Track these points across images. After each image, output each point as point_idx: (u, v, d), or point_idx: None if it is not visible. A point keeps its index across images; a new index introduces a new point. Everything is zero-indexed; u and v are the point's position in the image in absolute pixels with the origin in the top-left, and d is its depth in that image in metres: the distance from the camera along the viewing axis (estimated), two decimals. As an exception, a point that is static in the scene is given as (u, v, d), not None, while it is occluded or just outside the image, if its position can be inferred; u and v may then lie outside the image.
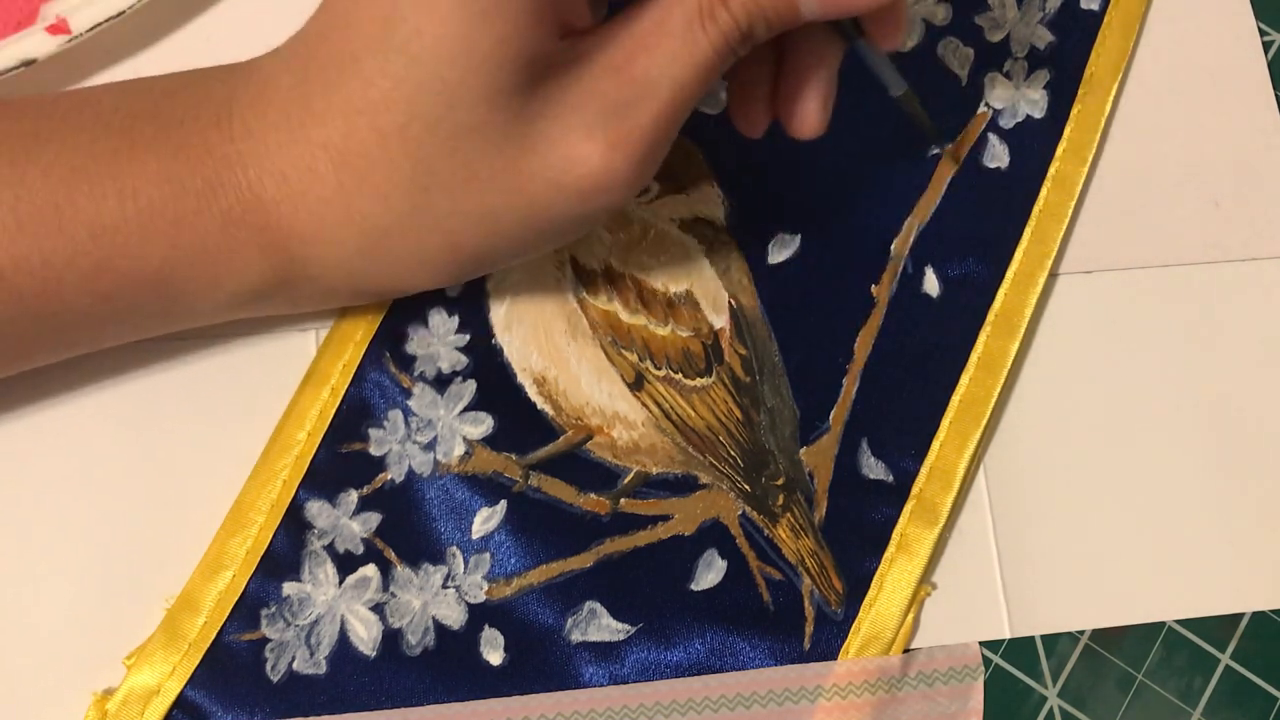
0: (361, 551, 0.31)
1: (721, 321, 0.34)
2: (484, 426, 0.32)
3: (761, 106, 0.30)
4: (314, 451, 0.32)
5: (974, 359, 0.34)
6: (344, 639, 0.31)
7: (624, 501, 0.32)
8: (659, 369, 0.33)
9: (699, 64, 0.25)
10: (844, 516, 0.32)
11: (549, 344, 0.33)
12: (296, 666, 0.30)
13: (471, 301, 0.33)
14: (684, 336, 0.33)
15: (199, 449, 0.32)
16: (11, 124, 0.27)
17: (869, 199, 0.35)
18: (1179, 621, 0.33)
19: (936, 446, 0.33)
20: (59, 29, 0.32)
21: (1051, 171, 0.36)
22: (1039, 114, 0.36)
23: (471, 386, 0.33)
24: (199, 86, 0.28)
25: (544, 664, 0.31)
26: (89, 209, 0.26)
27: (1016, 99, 0.36)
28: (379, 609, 0.31)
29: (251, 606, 0.31)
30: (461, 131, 0.25)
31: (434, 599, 0.31)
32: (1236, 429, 0.34)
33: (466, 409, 0.33)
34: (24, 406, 0.32)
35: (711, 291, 0.34)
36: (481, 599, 0.31)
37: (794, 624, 0.32)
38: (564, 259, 0.33)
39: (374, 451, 0.32)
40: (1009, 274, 0.35)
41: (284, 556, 0.31)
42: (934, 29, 0.37)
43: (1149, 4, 0.38)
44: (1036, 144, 0.36)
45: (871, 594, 0.32)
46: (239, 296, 0.28)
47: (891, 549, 0.32)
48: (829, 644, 0.31)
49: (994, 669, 0.32)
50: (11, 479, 0.31)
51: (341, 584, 0.31)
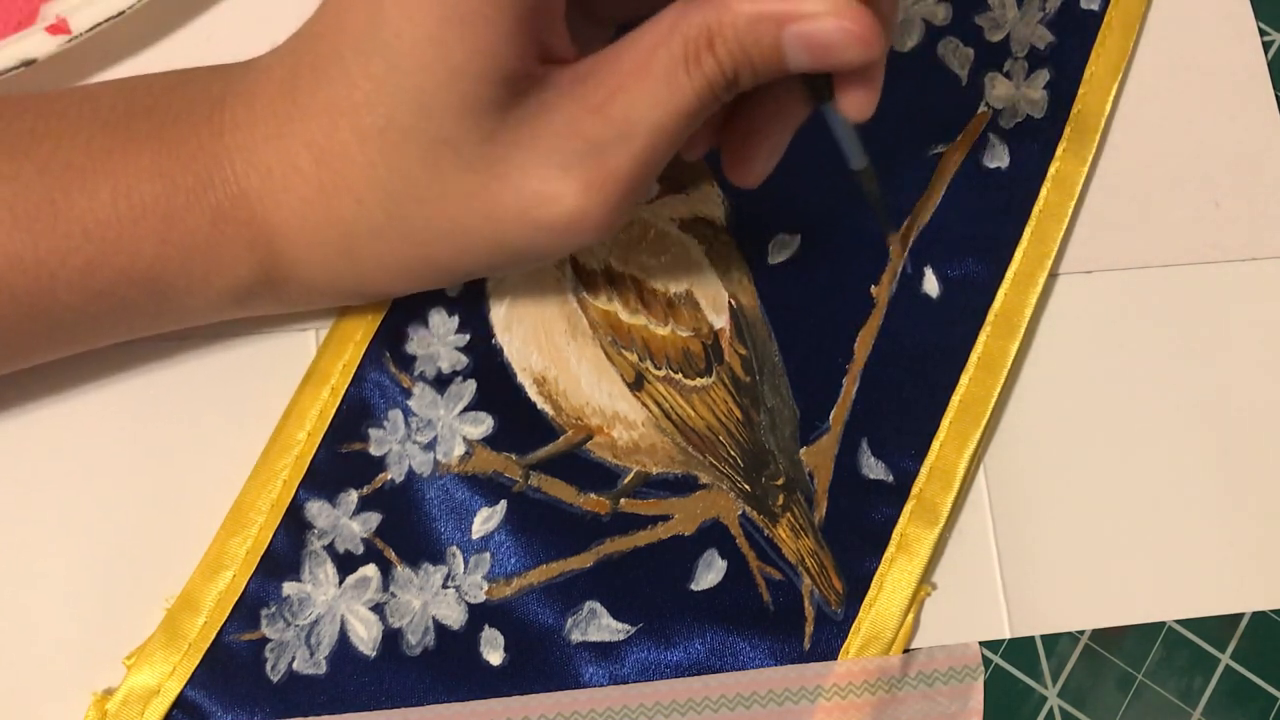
0: (361, 551, 0.31)
1: (721, 321, 0.34)
2: (484, 426, 0.32)
3: (705, 132, 0.29)
4: (314, 451, 0.32)
5: (974, 359, 0.34)
6: (344, 639, 0.31)
7: (624, 501, 0.32)
8: (659, 369, 0.33)
9: (681, 108, 0.25)
10: (844, 516, 0.32)
11: (549, 344, 0.33)
12: (296, 666, 0.30)
13: (471, 301, 0.33)
14: (684, 336, 0.33)
15: (199, 449, 0.32)
16: (10, 121, 0.27)
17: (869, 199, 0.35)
18: (1179, 621, 0.33)
19: (936, 446, 0.33)
20: (59, 29, 0.32)
21: (1051, 171, 0.36)
22: (1039, 114, 0.36)
23: (471, 386, 0.33)
24: (196, 83, 0.28)
25: (544, 664, 0.31)
26: (83, 205, 0.26)
27: (1016, 99, 0.36)
28: (379, 609, 0.31)
29: (251, 606, 0.31)
30: (435, 143, 0.25)
31: (434, 599, 0.31)
32: (1236, 429, 0.34)
33: (466, 409, 0.33)
34: (24, 405, 0.32)
35: (711, 291, 0.34)
36: (481, 599, 0.31)
37: (794, 624, 0.32)
38: (564, 259, 0.33)
39: (374, 451, 0.32)
40: (1009, 274, 0.35)
41: (284, 556, 0.31)
42: (934, 29, 0.37)
43: (1149, 4, 0.38)
44: (1036, 144, 0.36)
45: (871, 594, 0.32)
46: (229, 294, 0.28)
47: (891, 549, 0.32)
48: (829, 644, 0.31)
49: (994, 669, 0.32)
50: (12, 478, 0.31)
51: (341, 584, 0.31)
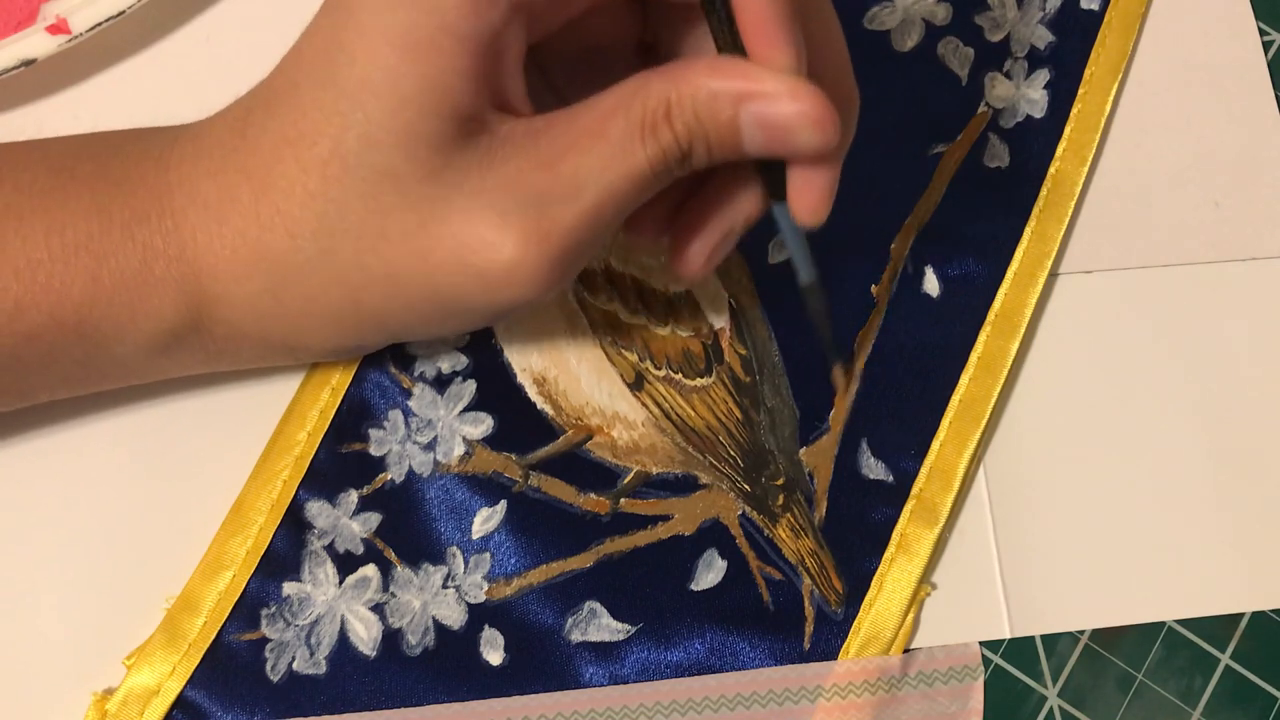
0: (361, 551, 0.31)
1: (721, 321, 0.34)
2: (484, 426, 0.32)
3: (657, 219, 0.28)
4: (314, 451, 0.32)
5: (974, 359, 0.34)
6: (344, 639, 0.31)
7: (624, 501, 0.32)
8: (659, 369, 0.33)
9: (632, 176, 0.24)
10: (844, 516, 0.32)
11: (549, 344, 0.33)
12: (296, 666, 0.30)
13: (471, 301, 0.33)
14: (684, 336, 0.33)
15: (199, 449, 0.32)
16: None
17: (869, 198, 0.35)
18: (1179, 621, 0.33)
19: (936, 446, 0.33)
20: (59, 29, 0.32)
21: (1052, 171, 0.36)
22: (1039, 114, 0.36)
23: (471, 386, 0.33)
24: (155, 132, 0.27)
25: (544, 664, 0.31)
26: (16, 245, 0.26)
27: (1017, 99, 0.36)
28: (379, 609, 0.31)
29: (251, 606, 0.31)
30: (376, 176, 0.24)
31: (434, 599, 0.31)
32: (1236, 429, 0.34)
33: (466, 409, 0.33)
34: (24, 405, 0.32)
35: (711, 291, 0.34)
36: (481, 599, 0.31)
37: (794, 624, 0.32)
38: None
39: (374, 451, 0.32)
40: (1009, 274, 0.35)
41: (284, 556, 0.31)
42: (934, 29, 0.37)
43: (1149, 4, 0.38)
44: (1037, 144, 0.36)
45: (871, 594, 0.32)
46: (156, 340, 0.27)
47: (891, 549, 0.32)
48: (829, 644, 0.31)
49: (994, 669, 0.32)
50: (12, 478, 0.31)
51: (341, 584, 0.31)
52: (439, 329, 0.28)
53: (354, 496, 0.32)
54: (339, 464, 0.32)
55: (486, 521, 0.32)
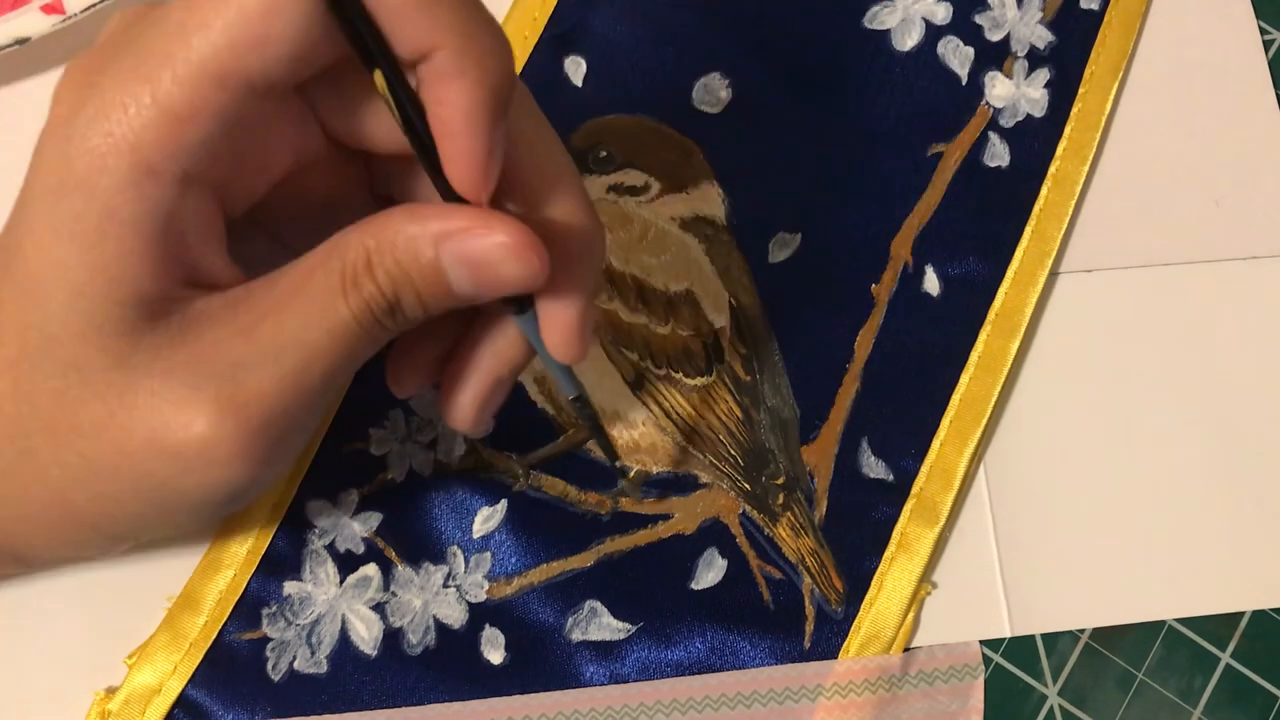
0: (362, 551, 0.31)
1: (722, 320, 0.34)
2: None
3: (423, 365, 0.27)
4: (315, 451, 0.32)
5: (974, 358, 0.34)
6: (345, 638, 0.31)
7: (624, 500, 0.32)
8: (659, 368, 0.33)
9: (337, 332, 0.22)
10: (844, 515, 0.32)
11: (549, 343, 0.33)
12: (297, 665, 0.30)
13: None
14: (684, 335, 0.33)
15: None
16: None
17: (869, 198, 0.35)
18: (1179, 620, 0.33)
19: (937, 445, 0.33)
20: (53, 9, 0.33)
21: (1052, 170, 0.36)
22: (1039, 113, 0.36)
23: (472, 386, 0.33)
24: None
25: (545, 663, 0.31)
26: None
27: (1017, 98, 0.36)
28: (380, 608, 0.31)
29: (252, 606, 0.31)
30: (62, 370, 0.22)
31: (435, 598, 0.31)
32: (1236, 428, 0.34)
33: (467, 408, 0.33)
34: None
35: (712, 291, 0.34)
36: (482, 598, 0.31)
37: (794, 623, 0.32)
38: None
39: (375, 451, 0.32)
40: (1009, 273, 0.35)
41: (285, 556, 0.31)
42: (934, 28, 0.37)
43: (1149, 3, 0.38)
44: (1037, 143, 0.36)
45: (872, 593, 0.32)
46: None
47: (892, 548, 0.32)
48: (829, 643, 0.31)
49: (994, 668, 0.32)
50: (13, 478, 0.31)
51: (342, 583, 0.31)
52: (160, 525, 0.26)
53: (355, 496, 0.32)
54: (340, 463, 0.32)
55: (487, 521, 0.32)
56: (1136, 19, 0.38)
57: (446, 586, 0.31)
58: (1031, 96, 0.36)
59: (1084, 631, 0.32)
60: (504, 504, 0.32)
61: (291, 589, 0.31)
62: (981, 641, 0.32)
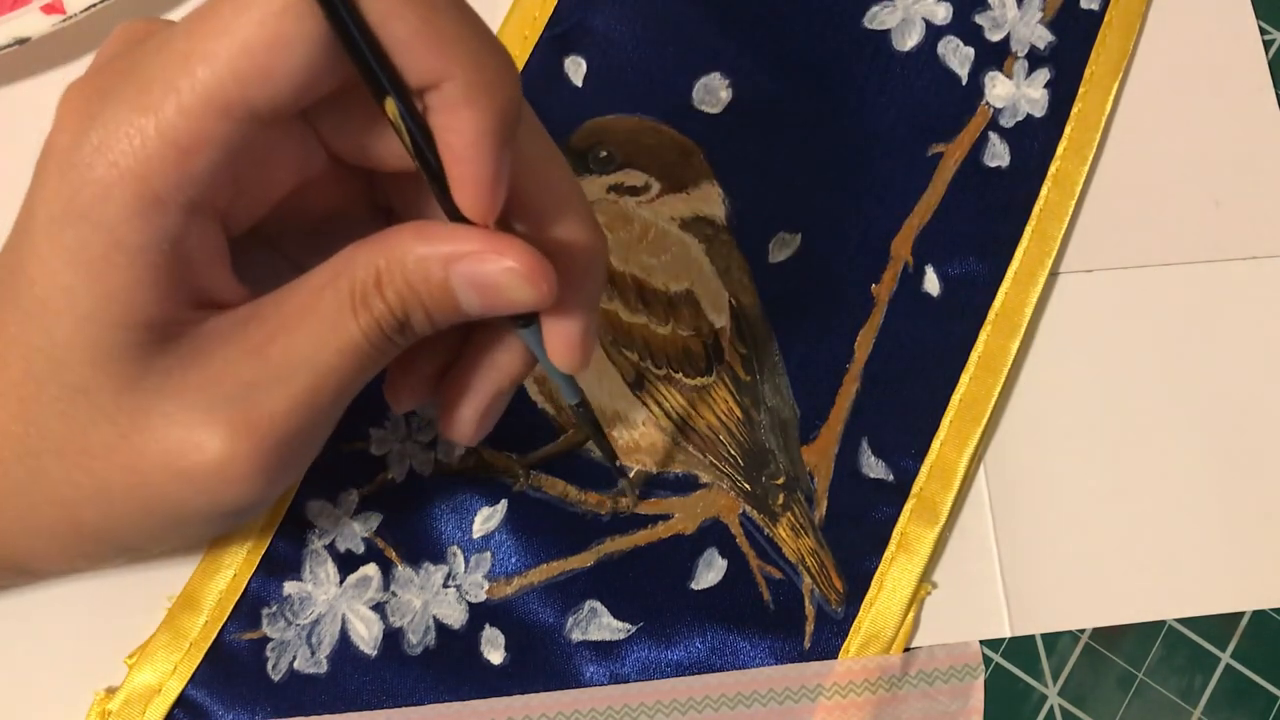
0: (362, 551, 0.31)
1: (722, 320, 0.34)
2: (485, 426, 0.32)
3: (421, 381, 0.27)
4: (315, 451, 0.32)
5: (974, 358, 0.34)
6: (345, 638, 0.31)
7: (624, 500, 0.32)
8: (659, 368, 0.33)
9: (347, 351, 0.23)
10: (844, 515, 0.32)
11: (549, 343, 0.33)
12: (297, 665, 0.30)
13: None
14: (684, 336, 0.33)
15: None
16: None
17: (869, 198, 0.35)
18: (1179, 620, 0.33)
19: (937, 445, 0.33)
20: (54, 8, 0.33)
21: (1052, 170, 0.36)
22: (1039, 113, 0.36)
23: (472, 386, 0.33)
24: None
25: (545, 663, 0.31)
26: None
27: (1017, 98, 0.36)
28: (380, 608, 0.31)
29: (252, 605, 0.31)
30: (70, 394, 0.23)
31: (435, 598, 0.31)
32: (1236, 429, 0.34)
33: (467, 408, 0.33)
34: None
35: (712, 291, 0.34)
36: (482, 598, 0.31)
37: (794, 623, 0.32)
38: None
39: (375, 451, 0.32)
40: (1009, 273, 0.35)
41: (285, 556, 0.31)
42: (934, 28, 0.37)
43: (1149, 3, 0.38)
44: (1037, 143, 0.36)
45: (872, 593, 0.32)
46: None
47: (892, 548, 0.32)
48: (829, 643, 0.31)
49: (994, 668, 0.32)
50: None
51: (342, 583, 0.31)
52: (171, 539, 0.26)
53: (355, 495, 0.32)
54: (340, 463, 0.32)
55: (487, 521, 0.32)
56: (1136, 19, 0.38)
57: (446, 586, 0.31)
58: (1031, 96, 0.36)
59: (1084, 631, 0.32)
60: (504, 504, 0.32)
61: (291, 589, 0.31)
62: (981, 641, 0.32)
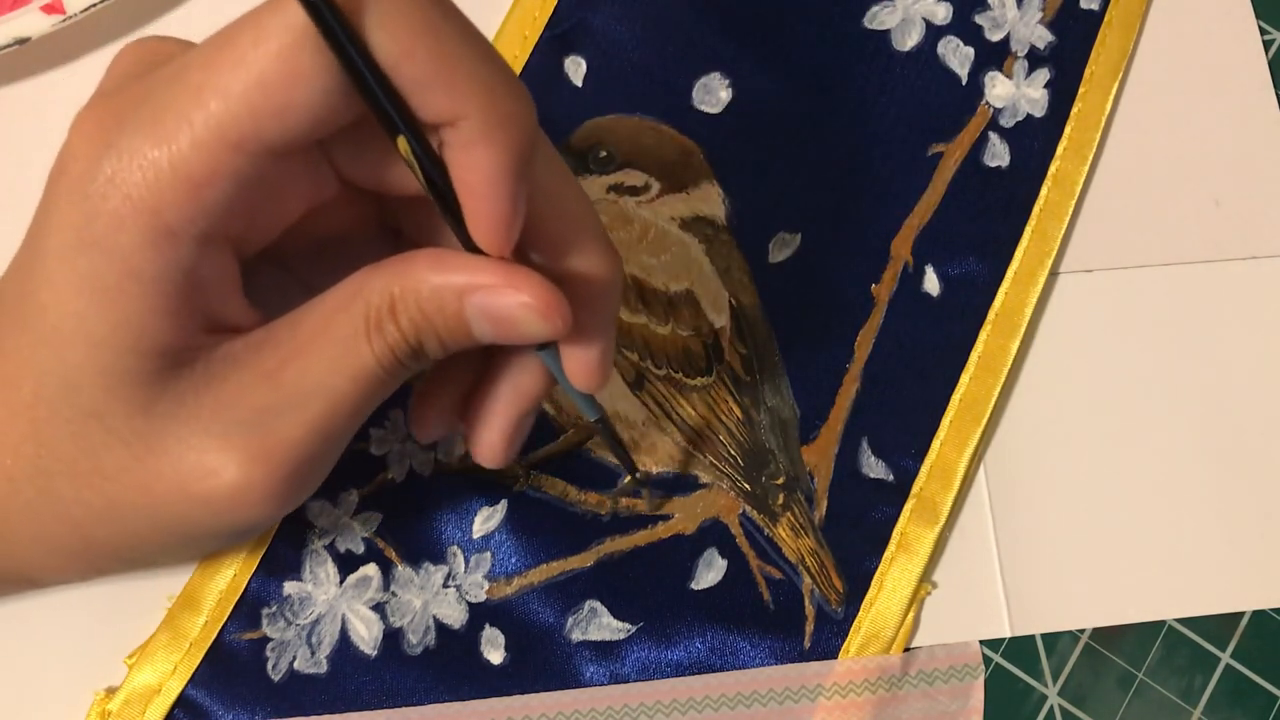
0: (362, 551, 0.31)
1: (722, 320, 0.34)
2: (485, 426, 0.32)
3: (445, 410, 0.27)
4: (315, 451, 0.32)
5: (974, 358, 0.34)
6: (345, 638, 0.31)
7: (624, 501, 0.32)
8: (659, 368, 0.33)
9: (361, 376, 0.23)
10: (844, 515, 0.32)
11: (549, 343, 0.33)
12: (297, 665, 0.30)
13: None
14: (684, 335, 0.33)
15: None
16: None
17: (869, 198, 0.35)
18: (1179, 620, 0.33)
19: (937, 445, 0.33)
20: (53, 8, 0.33)
21: (1052, 170, 0.36)
22: (1039, 113, 0.36)
23: (472, 386, 0.33)
24: None
25: (544, 663, 0.31)
26: None
27: (1017, 98, 0.36)
28: (380, 608, 0.31)
29: (252, 605, 0.31)
30: (83, 417, 0.23)
31: (435, 598, 0.31)
32: (1236, 429, 0.34)
33: (467, 408, 0.33)
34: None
35: (712, 290, 0.34)
36: (482, 598, 0.31)
37: (794, 623, 0.32)
38: None
39: (375, 451, 0.32)
40: (1009, 273, 0.35)
41: (285, 556, 0.31)
42: (934, 28, 0.37)
43: (1149, 3, 0.38)
44: (1037, 143, 0.36)
45: (872, 593, 0.32)
46: None
47: (892, 548, 0.32)
48: (829, 643, 0.31)
49: (994, 668, 0.32)
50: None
51: (342, 583, 0.31)
52: (179, 556, 0.27)
53: (355, 496, 0.32)
54: (340, 463, 0.32)
55: (487, 521, 0.32)
56: (1136, 19, 0.38)
57: (446, 586, 0.31)
58: (1031, 96, 0.36)
59: (1084, 631, 0.32)
60: (504, 504, 0.32)
61: (291, 589, 0.31)
62: (981, 641, 0.32)
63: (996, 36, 0.37)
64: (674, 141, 0.35)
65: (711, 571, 0.32)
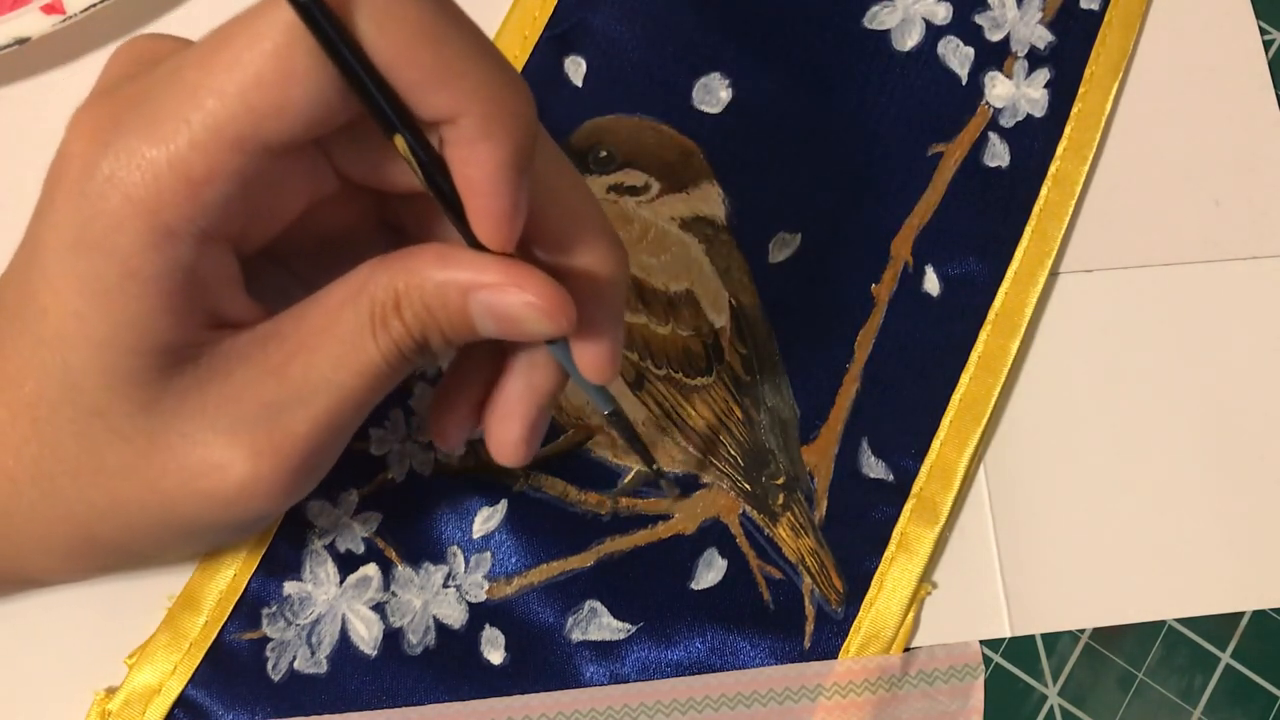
0: (362, 551, 0.31)
1: (722, 321, 0.34)
2: (485, 426, 0.32)
3: (464, 416, 0.27)
4: (315, 451, 0.32)
5: (974, 358, 0.34)
6: (345, 638, 0.31)
7: (624, 500, 0.32)
8: (659, 368, 0.33)
9: (366, 371, 0.23)
10: (844, 515, 0.32)
11: (549, 343, 0.33)
12: (297, 666, 0.30)
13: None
14: (684, 336, 0.33)
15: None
16: None
17: (869, 198, 0.35)
18: (1179, 620, 0.33)
19: (937, 445, 0.33)
20: (53, 8, 0.33)
21: (1052, 170, 0.36)
22: (1039, 113, 0.36)
23: (472, 386, 0.33)
24: None
25: (545, 663, 0.31)
26: None
27: (1017, 98, 0.36)
28: (380, 608, 0.31)
29: (252, 605, 0.31)
30: (86, 416, 0.23)
31: (435, 598, 0.31)
32: (1236, 429, 0.34)
33: (467, 408, 0.33)
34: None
35: (712, 291, 0.34)
36: (482, 598, 0.31)
37: (794, 623, 0.32)
38: None
39: (375, 451, 0.32)
40: (1009, 273, 0.35)
41: (285, 556, 0.31)
42: (934, 28, 0.37)
43: (1149, 3, 0.38)
44: (1037, 143, 0.36)
45: (872, 593, 0.32)
46: None
47: (892, 548, 0.32)
48: (829, 643, 0.31)
49: (994, 668, 0.32)
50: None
51: (342, 583, 0.31)
52: (183, 551, 0.27)
53: (354, 496, 0.32)
54: (340, 463, 0.32)
55: (487, 521, 0.32)
56: (1136, 19, 0.38)
57: (446, 586, 0.31)
58: (1031, 96, 0.36)
59: (1084, 631, 0.32)
60: (504, 504, 0.32)
61: (291, 589, 0.31)
62: (981, 641, 0.32)
63: (996, 36, 0.37)
64: (674, 141, 0.35)
65: (711, 571, 0.32)
